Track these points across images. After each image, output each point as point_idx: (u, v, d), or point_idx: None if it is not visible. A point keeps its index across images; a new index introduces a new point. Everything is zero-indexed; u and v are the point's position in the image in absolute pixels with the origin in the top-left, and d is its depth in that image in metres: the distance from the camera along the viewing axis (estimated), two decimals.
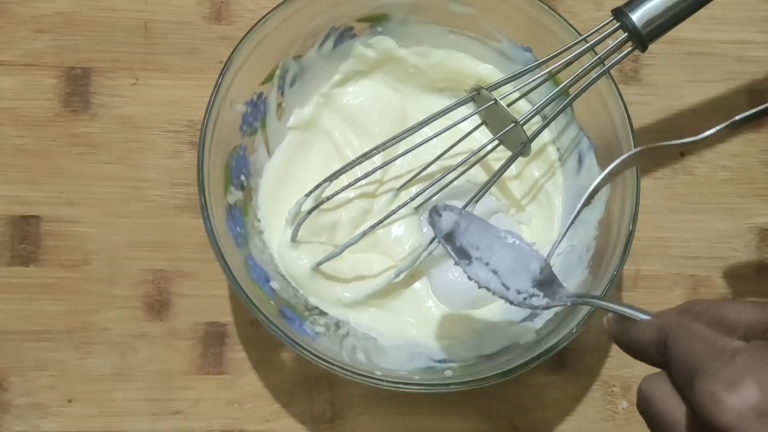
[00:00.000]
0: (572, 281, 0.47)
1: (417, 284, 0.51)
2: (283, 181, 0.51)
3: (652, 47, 0.45)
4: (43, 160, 0.52)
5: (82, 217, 0.52)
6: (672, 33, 0.50)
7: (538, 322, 0.47)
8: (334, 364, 0.43)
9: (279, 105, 0.51)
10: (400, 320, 0.50)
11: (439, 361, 0.47)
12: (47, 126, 0.53)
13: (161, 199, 0.52)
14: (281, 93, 0.51)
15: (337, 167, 0.49)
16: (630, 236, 0.44)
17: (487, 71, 0.53)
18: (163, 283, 0.51)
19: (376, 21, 0.51)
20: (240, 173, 0.49)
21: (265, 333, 0.51)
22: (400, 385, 0.43)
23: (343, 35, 0.51)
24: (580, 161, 0.50)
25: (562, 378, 0.51)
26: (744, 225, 0.55)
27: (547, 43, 0.48)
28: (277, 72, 0.49)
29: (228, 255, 0.44)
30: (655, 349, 0.32)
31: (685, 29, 0.49)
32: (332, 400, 0.51)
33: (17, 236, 0.51)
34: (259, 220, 0.50)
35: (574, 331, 0.42)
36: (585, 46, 0.45)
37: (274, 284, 0.47)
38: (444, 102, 0.51)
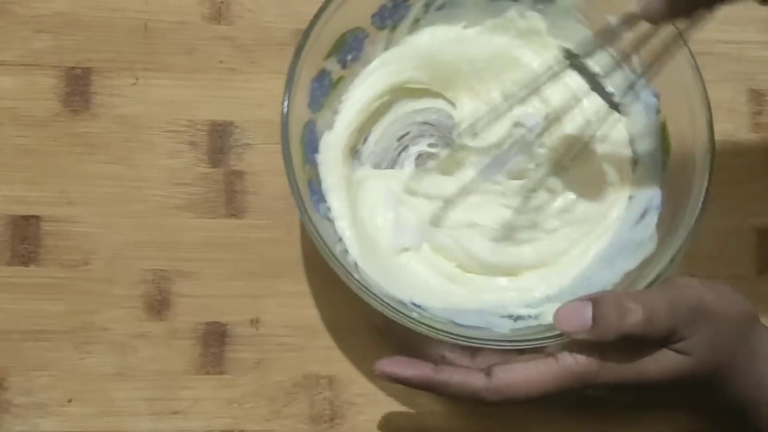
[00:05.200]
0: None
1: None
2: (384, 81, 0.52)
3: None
4: (43, 160, 0.52)
5: (82, 217, 0.52)
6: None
7: (519, 324, 0.47)
8: (326, 245, 0.43)
9: (417, 20, 0.52)
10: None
11: (414, 304, 0.47)
12: (47, 126, 0.53)
13: (161, 199, 0.52)
14: (425, 10, 0.51)
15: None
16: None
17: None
18: (163, 283, 0.51)
19: None
20: (350, 52, 0.50)
21: (265, 333, 0.51)
22: (370, 295, 0.43)
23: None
24: (642, 215, 0.50)
25: None
26: (744, 225, 0.55)
27: None
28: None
29: (294, 104, 0.45)
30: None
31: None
32: (332, 400, 0.51)
33: (17, 236, 0.51)
34: (341, 102, 0.51)
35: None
36: None
37: (318, 158, 0.49)
38: None
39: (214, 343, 0.51)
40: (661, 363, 0.42)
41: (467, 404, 0.50)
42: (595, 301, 0.42)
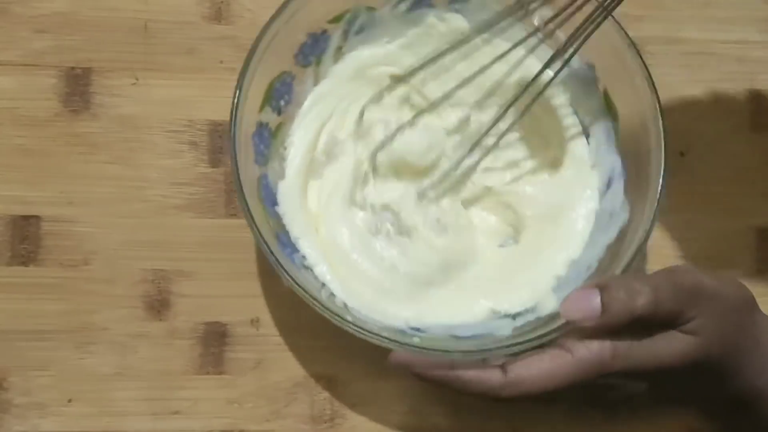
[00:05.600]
0: (562, 295, 0.47)
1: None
2: (321, 116, 0.52)
3: (652, 47, 0.45)
4: (43, 160, 0.52)
5: (82, 216, 0.52)
6: (672, 33, 0.51)
7: (519, 321, 0.47)
8: (311, 297, 0.43)
9: (339, 48, 0.51)
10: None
11: (413, 329, 0.47)
12: (47, 126, 0.53)
13: (161, 199, 0.52)
14: (345, 37, 0.51)
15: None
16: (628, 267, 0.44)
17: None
18: (163, 283, 0.51)
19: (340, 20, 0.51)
20: (281, 98, 0.50)
21: (265, 333, 0.51)
22: (368, 335, 0.43)
23: (422, 1, 0.51)
24: (608, 185, 0.50)
25: None
26: (744, 225, 0.55)
27: None
28: (347, 16, 0.50)
29: (243, 166, 0.45)
30: None
31: (685, 29, 0.49)
32: (332, 400, 0.51)
33: (17, 236, 0.51)
34: (285, 148, 0.50)
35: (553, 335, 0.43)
36: None
37: (279, 210, 0.48)
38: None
39: (214, 343, 0.51)
40: (672, 345, 0.41)
41: (469, 403, 0.50)
42: (602, 287, 0.42)
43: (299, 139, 0.51)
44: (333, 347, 0.51)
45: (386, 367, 0.49)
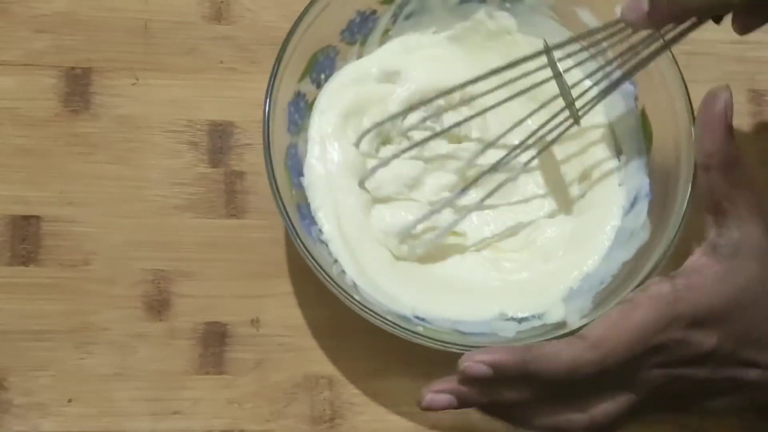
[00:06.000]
0: (571, 306, 0.47)
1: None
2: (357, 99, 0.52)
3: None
4: (43, 160, 0.52)
5: (82, 217, 0.52)
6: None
7: (525, 326, 0.47)
8: (322, 270, 0.44)
9: (386, 31, 0.52)
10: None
11: (418, 318, 0.47)
12: (47, 126, 0.53)
13: (161, 199, 0.52)
14: (394, 21, 0.52)
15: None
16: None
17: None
18: (163, 283, 0.51)
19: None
20: (323, 71, 0.51)
21: (265, 333, 0.51)
22: (373, 315, 0.43)
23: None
24: (633, 204, 0.50)
25: None
26: None
27: None
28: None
29: (274, 129, 0.45)
30: None
31: None
32: (332, 400, 0.51)
33: (17, 236, 0.51)
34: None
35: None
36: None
37: (304, 181, 0.49)
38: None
39: (214, 343, 0.51)
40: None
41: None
42: None
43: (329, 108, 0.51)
44: (333, 347, 0.51)
45: (387, 368, 0.49)
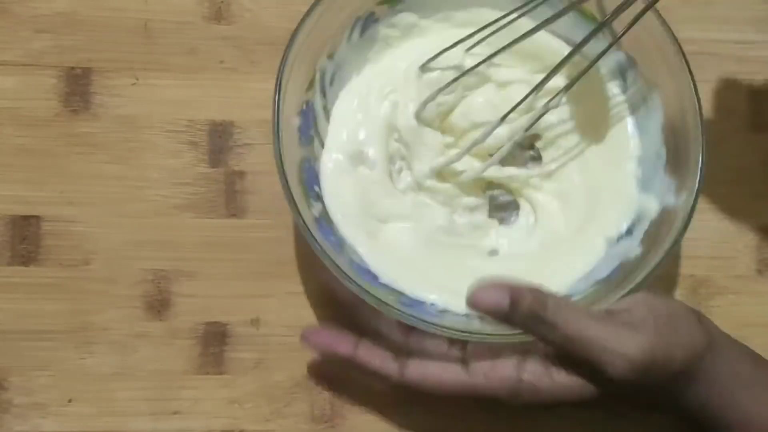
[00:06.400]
0: (654, 190, 0.49)
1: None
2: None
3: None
4: (43, 160, 0.52)
5: (82, 216, 0.52)
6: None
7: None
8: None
9: (324, 107, 0.51)
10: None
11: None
12: (47, 126, 0.53)
13: (162, 199, 0.52)
14: (323, 95, 0.51)
15: None
16: (702, 136, 0.47)
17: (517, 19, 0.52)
18: (163, 283, 0.51)
19: (393, 0, 0.52)
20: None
21: (265, 333, 0.51)
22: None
23: (367, 22, 0.51)
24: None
25: None
26: (744, 225, 0.55)
27: None
28: (317, 76, 0.50)
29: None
30: None
31: (685, 29, 0.49)
32: (332, 400, 0.51)
33: (17, 236, 0.51)
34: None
35: None
36: None
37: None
38: None
39: (214, 343, 0.51)
40: (573, 388, 0.43)
41: (470, 404, 0.50)
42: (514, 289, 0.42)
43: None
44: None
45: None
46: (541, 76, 0.48)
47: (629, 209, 0.51)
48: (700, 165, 0.47)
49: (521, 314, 0.41)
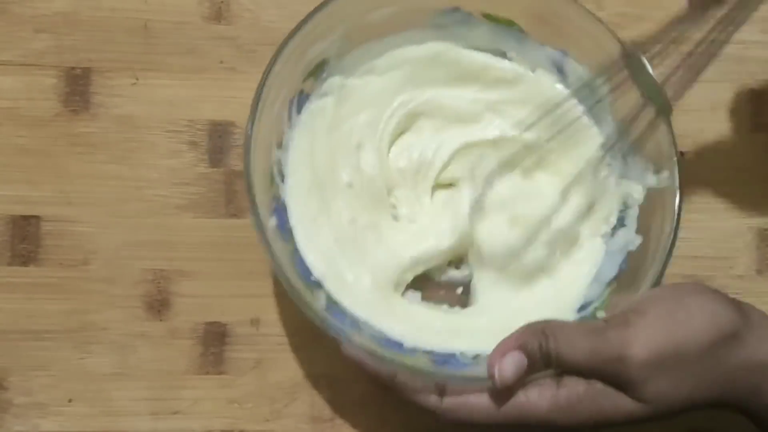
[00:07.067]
0: (631, 175, 0.49)
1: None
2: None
3: (652, 47, 0.45)
4: (43, 160, 0.52)
5: (82, 216, 0.52)
6: (672, 33, 0.50)
7: None
8: (387, 359, 0.43)
9: (278, 198, 0.49)
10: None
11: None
12: (47, 126, 0.53)
13: (161, 199, 0.52)
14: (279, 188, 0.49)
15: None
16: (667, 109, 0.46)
17: (435, 47, 0.52)
18: (163, 283, 0.51)
19: (317, 71, 0.50)
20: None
21: (265, 333, 0.51)
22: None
23: (300, 101, 0.50)
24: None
25: None
26: (744, 225, 0.55)
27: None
28: (274, 169, 0.48)
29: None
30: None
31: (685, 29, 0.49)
32: (332, 400, 0.51)
33: (17, 236, 0.51)
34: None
35: None
36: None
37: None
38: None
39: (214, 343, 0.51)
40: (618, 407, 0.41)
41: None
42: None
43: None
44: (333, 347, 0.51)
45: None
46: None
47: (612, 199, 0.51)
48: (672, 139, 0.47)
49: (543, 359, 0.41)
